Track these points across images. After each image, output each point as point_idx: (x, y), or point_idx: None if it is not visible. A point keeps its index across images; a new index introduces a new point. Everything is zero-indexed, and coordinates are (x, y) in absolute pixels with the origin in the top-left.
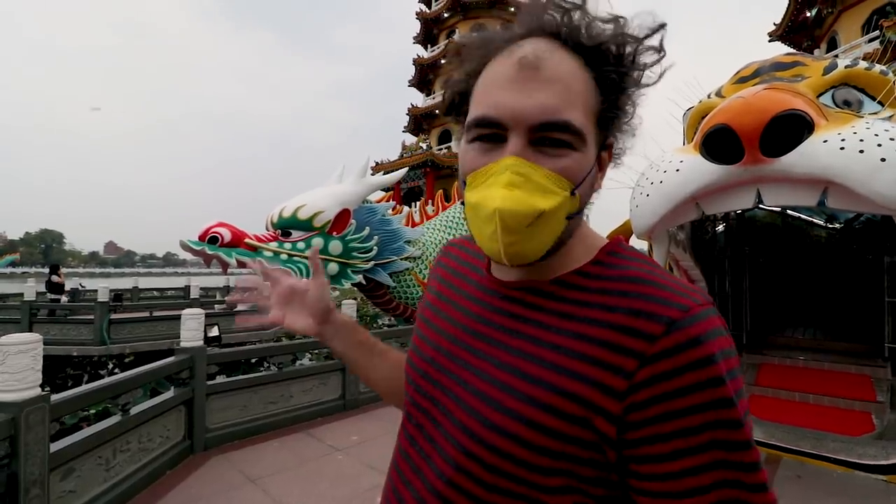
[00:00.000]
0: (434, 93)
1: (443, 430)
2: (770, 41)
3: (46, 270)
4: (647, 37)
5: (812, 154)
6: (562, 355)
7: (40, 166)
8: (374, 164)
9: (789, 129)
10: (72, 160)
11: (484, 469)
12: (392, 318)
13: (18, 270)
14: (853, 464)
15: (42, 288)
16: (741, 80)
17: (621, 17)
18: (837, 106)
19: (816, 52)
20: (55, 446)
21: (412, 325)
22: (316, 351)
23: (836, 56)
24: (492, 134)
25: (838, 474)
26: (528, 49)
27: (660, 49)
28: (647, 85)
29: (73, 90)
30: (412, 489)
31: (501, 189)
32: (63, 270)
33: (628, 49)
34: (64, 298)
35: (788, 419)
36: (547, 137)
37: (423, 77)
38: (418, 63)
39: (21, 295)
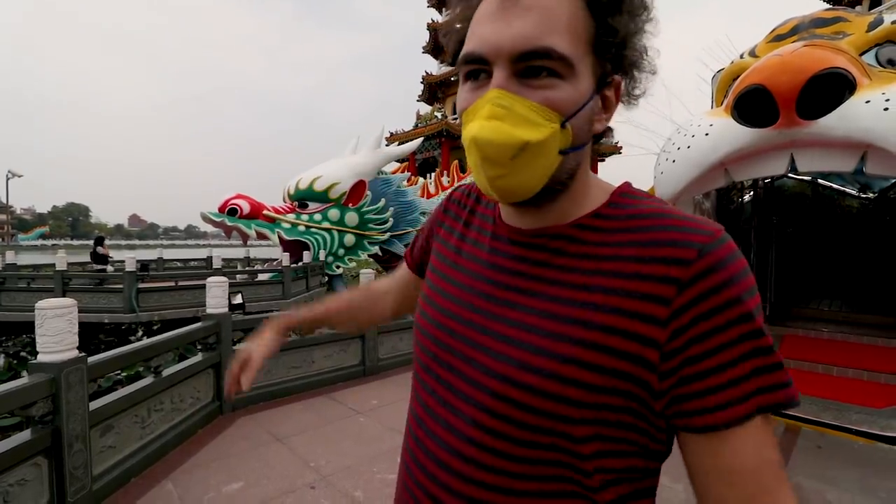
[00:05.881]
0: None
1: (469, 380)
2: None
3: (75, 243)
4: None
5: (853, 115)
6: (598, 294)
7: (64, 140)
8: (388, 135)
9: (829, 90)
10: (94, 135)
11: (520, 410)
12: None
13: (48, 243)
14: (876, 436)
15: (72, 259)
16: (778, 37)
17: None
18: (881, 65)
19: (859, 7)
20: (94, 404)
21: None
22: None
23: (882, 11)
24: (478, 70)
25: (859, 445)
26: None
27: None
28: (648, 12)
29: (104, 69)
30: (438, 440)
31: (481, 121)
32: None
33: None
34: (110, 268)
35: (810, 390)
36: (531, 67)
37: (438, 42)
38: (432, 27)
39: (53, 265)
